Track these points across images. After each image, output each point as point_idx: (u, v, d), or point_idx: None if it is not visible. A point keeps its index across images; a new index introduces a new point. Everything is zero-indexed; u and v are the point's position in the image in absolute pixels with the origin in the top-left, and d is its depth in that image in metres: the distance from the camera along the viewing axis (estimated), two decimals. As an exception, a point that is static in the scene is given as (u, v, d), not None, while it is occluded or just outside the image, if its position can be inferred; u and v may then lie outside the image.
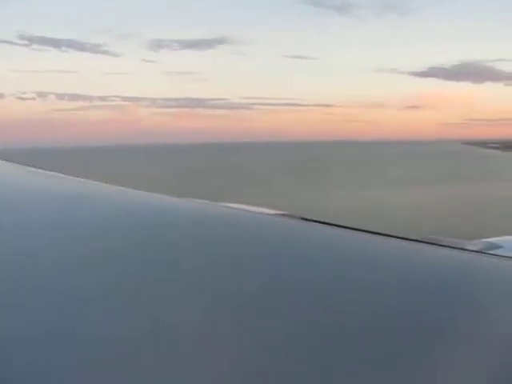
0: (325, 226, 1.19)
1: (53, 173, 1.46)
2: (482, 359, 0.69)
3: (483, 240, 1.85)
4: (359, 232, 1.16)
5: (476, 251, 1.39)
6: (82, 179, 1.36)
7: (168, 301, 0.73)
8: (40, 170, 1.49)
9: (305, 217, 1.25)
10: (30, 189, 1.27)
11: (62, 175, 1.43)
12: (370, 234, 1.16)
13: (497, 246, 1.66)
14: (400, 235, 1.19)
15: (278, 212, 1.32)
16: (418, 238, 1.27)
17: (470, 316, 0.80)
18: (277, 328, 0.69)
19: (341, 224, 1.21)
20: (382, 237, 1.15)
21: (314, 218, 1.23)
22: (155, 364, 0.59)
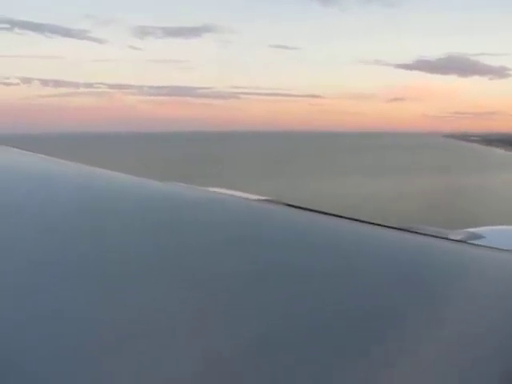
0: (308, 212, 1.18)
1: (42, 155, 1.42)
2: (464, 347, 0.70)
3: (466, 230, 1.86)
4: (343, 219, 1.15)
5: (459, 241, 1.39)
6: (69, 162, 1.33)
7: (156, 285, 0.72)
8: (35, 154, 1.45)
9: (288, 203, 1.24)
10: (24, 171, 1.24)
11: (49, 158, 1.39)
12: (354, 222, 1.15)
13: (479, 236, 1.66)
14: (385, 224, 1.18)
15: (262, 198, 1.30)
16: (402, 227, 1.26)
17: (454, 303, 0.80)
18: (263, 313, 0.68)
19: (325, 211, 1.20)
20: (366, 224, 1.14)
21: (298, 204, 1.22)
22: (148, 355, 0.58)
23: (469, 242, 1.40)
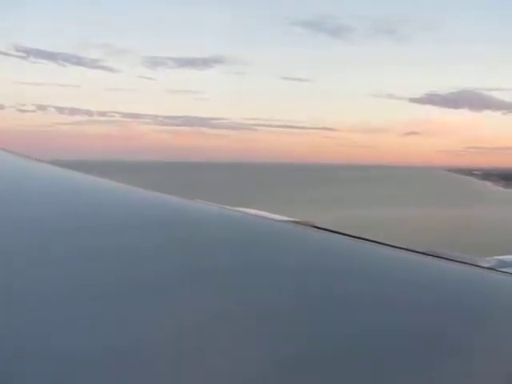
0: (336, 234, 1.12)
1: (66, 169, 1.35)
2: (489, 375, 0.68)
3: (494, 257, 1.79)
4: (371, 242, 1.09)
5: (489, 268, 1.32)
6: (92, 176, 1.26)
7: (172, 302, 0.69)
8: (52, 166, 1.38)
9: (316, 225, 1.17)
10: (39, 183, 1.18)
11: (74, 171, 1.32)
12: (381, 245, 1.09)
13: (508, 264, 1.60)
14: (411, 248, 1.12)
15: (290, 219, 1.23)
16: (429, 252, 1.19)
17: (481, 330, 0.77)
18: (283, 333, 0.66)
19: (352, 234, 1.14)
20: (393, 248, 1.08)
21: (326, 227, 1.16)
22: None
23: (499, 269, 1.33)
